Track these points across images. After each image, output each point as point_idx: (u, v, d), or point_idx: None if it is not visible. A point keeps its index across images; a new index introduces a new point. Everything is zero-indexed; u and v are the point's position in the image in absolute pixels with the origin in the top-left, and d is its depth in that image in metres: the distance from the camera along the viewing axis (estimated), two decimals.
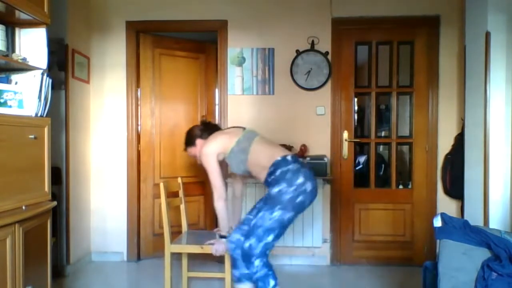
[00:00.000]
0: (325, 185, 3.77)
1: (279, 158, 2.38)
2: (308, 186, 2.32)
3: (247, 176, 2.65)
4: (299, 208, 2.36)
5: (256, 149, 2.46)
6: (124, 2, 3.91)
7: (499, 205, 2.78)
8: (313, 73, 3.79)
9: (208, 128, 2.73)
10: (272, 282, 2.32)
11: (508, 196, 2.76)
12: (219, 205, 2.50)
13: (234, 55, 3.86)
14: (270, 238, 2.30)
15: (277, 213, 2.29)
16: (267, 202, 2.35)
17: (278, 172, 2.34)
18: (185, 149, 2.79)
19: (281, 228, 2.33)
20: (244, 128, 2.64)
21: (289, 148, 3.68)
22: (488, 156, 2.81)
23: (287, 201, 2.29)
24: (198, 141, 2.68)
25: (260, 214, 2.33)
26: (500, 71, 2.79)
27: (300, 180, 2.30)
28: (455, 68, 3.73)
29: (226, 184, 2.67)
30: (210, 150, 2.50)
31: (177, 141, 4.10)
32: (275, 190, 2.31)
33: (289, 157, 2.39)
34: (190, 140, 2.73)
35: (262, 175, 2.43)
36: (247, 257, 2.31)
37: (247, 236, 2.34)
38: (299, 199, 2.30)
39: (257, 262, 2.30)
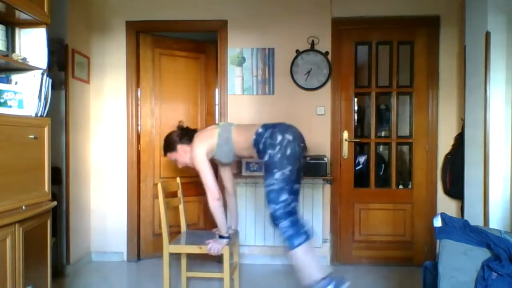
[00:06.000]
0: (325, 185, 3.77)
1: (254, 136, 2.52)
2: (289, 136, 2.44)
3: (237, 160, 2.88)
4: (293, 158, 2.43)
5: (236, 135, 2.62)
6: (124, 2, 3.91)
7: (499, 205, 2.78)
8: (313, 73, 3.79)
9: (187, 133, 2.78)
10: (296, 241, 2.33)
11: (508, 196, 2.76)
12: (214, 205, 2.57)
13: (234, 55, 3.86)
14: (284, 196, 2.37)
15: (277, 175, 2.38)
16: (266, 170, 2.45)
17: (261, 146, 2.49)
18: (165, 155, 2.84)
19: (289, 183, 2.40)
20: (217, 124, 2.81)
21: None
22: (488, 156, 2.81)
23: (280, 160, 2.40)
24: (180, 147, 2.75)
25: (266, 182, 2.43)
26: (500, 71, 2.79)
27: (279, 137, 2.43)
28: (455, 68, 3.73)
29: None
30: (200, 151, 2.60)
31: None
32: (266, 158, 2.45)
33: (260, 130, 2.52)
34: (170, 146, 2.78)
35: (249, 154, 2.65)
36: (274, 221, 2.38)
37: (268, 204, 2.43)
38: (288, 151, 2.41)
39: (283, 224, 2.35)
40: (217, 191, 2.55)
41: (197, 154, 2.59)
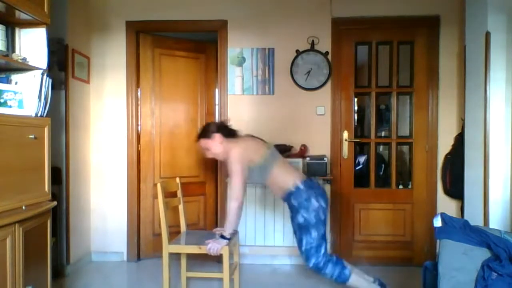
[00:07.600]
0: (325, 185, 3.76)
1: (293, 189, 2.61)
2: (322, 202, 2.63)
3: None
4: (324, 218, 2.66)
5: (277, 171, 2.67)
6: (124, 2, 3.91)
7: (499, 205, 2.78)
8: (313, 73, 3.79)
9: (227, 128, 2.78)
10: (346, 272, 2.61)
11: (508, 196, 2.76)
12: (234, 206, 2.59)
13: (234, 55, 3.86)
14: (322, 250, 2.61)
15: (314, 234, 2.59)
16: (301, 229, 2.61)
17: (294, 202, 2.61)
18: (198, 140, 2.80)
19: (324, 236, 2.64)
20: (266, 143, 2.79)
21: (289, 148, 3.68)
22: (488, 156, 2.81)
23: (315, 224, 2.59)
24: (217, 136, 2.71)
25: (304, 241, 2.61)
26: (500, 71, 2.79)
27: (315, 204, 2.59)
28: (455, 68, 3.73)
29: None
30: (240, 154, 2.61)
31: (177, 141, 4.11)
32: (300, 220, 2.60)
33: (301, 186, 2.61)
34: (207, 133, 2.75)
35: (278, 194, 2.75)
36: (320, 271, 2.61)
37: (308, 258, 2.62)
38: (321, 215, 2.62)
39: (328, 270, 2.60)
40: (241, 194, 2.58)
41: (237, 154, 2.60)
